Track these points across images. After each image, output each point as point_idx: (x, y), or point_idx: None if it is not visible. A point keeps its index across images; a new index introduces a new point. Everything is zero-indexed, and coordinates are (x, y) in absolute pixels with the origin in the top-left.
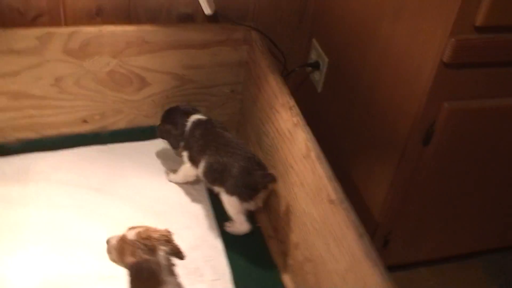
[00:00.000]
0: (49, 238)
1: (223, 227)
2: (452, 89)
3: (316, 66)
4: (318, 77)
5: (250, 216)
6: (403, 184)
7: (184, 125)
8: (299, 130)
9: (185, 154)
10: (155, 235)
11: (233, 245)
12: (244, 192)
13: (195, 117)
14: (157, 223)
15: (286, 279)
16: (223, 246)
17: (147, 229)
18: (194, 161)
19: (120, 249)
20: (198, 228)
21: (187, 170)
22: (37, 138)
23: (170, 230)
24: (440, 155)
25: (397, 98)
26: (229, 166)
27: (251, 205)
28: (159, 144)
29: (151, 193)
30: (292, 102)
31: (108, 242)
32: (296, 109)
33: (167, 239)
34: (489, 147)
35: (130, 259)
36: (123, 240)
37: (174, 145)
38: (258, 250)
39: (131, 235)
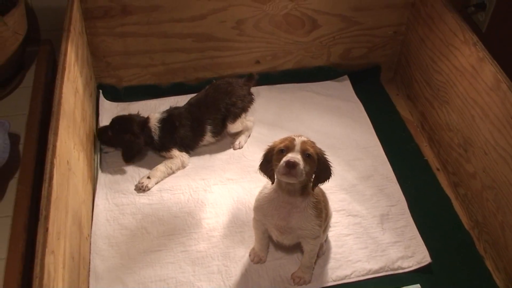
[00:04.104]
0: (235, 166)
1: (391, 159)
2: None
3: (481, 7)
4: (482, 18)
5: (417, 150)
6: None
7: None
8: (486, 63)
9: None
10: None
11: (402, 175)
12: None
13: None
14: (329, 154)
15: (458, 208)
16: (395, 176)
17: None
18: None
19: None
20: (369, 159)
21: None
22: (214, 77)
23: (343, 160)
24: None
25: None
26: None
27: None
28: (325, 85)
29: (319, 127)
30: (475, 38)
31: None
32: (480, 45)
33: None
34: None
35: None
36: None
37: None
38: (428, 182)
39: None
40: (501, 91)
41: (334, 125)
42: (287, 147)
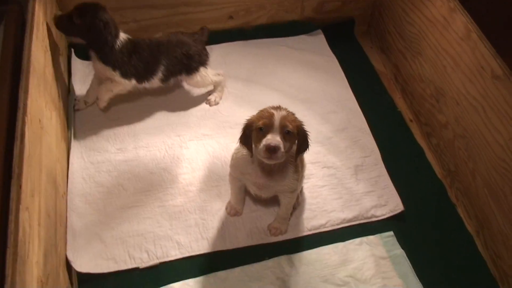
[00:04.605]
0: (210, 122)
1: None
2: None
3: None
4: None
5: (390, 102)
6: None
7: None
8: (457, 14)
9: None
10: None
11: (376, 127)
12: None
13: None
14: (305, 108)
15: (431, 157)
16: (369, 128)
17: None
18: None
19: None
20: (343, 112)
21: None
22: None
23: (318, 114)
24: None
25: None
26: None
27: None
28: (299, 39)
29: (294, 82)
30: None
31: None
32: None
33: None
34: None
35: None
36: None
37: None
38: (401, 133)
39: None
40: (472, 40)
41: (309, 79)
42: (266, 125)
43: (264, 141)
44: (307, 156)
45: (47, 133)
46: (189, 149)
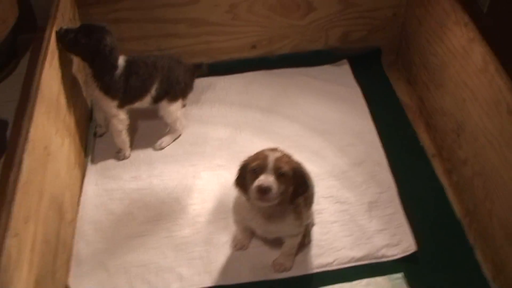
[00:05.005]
0: (225, 152)
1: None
2: None
3: None
4: None
5: (414, 136)
6: None
7: None
8: (476, 45)
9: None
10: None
11: (396, 162)
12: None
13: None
14: (322, 140)
15: (451, 195)
16: (387, 163)
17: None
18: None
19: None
20: (362, 145)
21: None
22: (211, 63)
23: (336, 146)
24: None
25: None
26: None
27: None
28: (323, 69)
29: (315, 113)
30: (467, 18)
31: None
32: (471, 25)
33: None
34: None
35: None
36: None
37: None
38: (422, 168)
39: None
40: (489, 73)
41: (329, 110)
42: (260, 166)
43: (256, 182)
44: (321, 189)
45: (56, 159)
46: (201, 179)
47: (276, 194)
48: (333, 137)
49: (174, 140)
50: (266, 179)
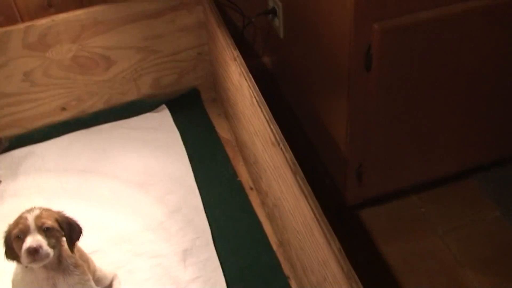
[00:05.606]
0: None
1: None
2: (378, 7)
3: (274, 12)
4: (278, 24)
5: (232, 170)
6: (358, 114)
7: None
8: (242, 79)
9: None
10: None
11: (212, 203)
12: None
13: None
14: (141, 193)
15: (267, 226)
16: (203, 206)
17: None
18: None
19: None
20: (180, 191)
21: None
22: (23, 133)
23: (154, 197)
24: (386, 78)
25: (334, 25)
26: None
27: None
28: (143, 118)
29: (134, 165)
30: (236, 53)
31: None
32: (239, 59)
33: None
34: (434, 61)
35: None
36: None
37: None
38: (239, 204)
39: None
40: (254, 106)
41: (149, 160)
42: (22, 231)
43: (24, 246)
44: (134, 247)
45: None
46: None
47: (47, 250)
48: (153, 187)
49: None
50: (33, 239)
